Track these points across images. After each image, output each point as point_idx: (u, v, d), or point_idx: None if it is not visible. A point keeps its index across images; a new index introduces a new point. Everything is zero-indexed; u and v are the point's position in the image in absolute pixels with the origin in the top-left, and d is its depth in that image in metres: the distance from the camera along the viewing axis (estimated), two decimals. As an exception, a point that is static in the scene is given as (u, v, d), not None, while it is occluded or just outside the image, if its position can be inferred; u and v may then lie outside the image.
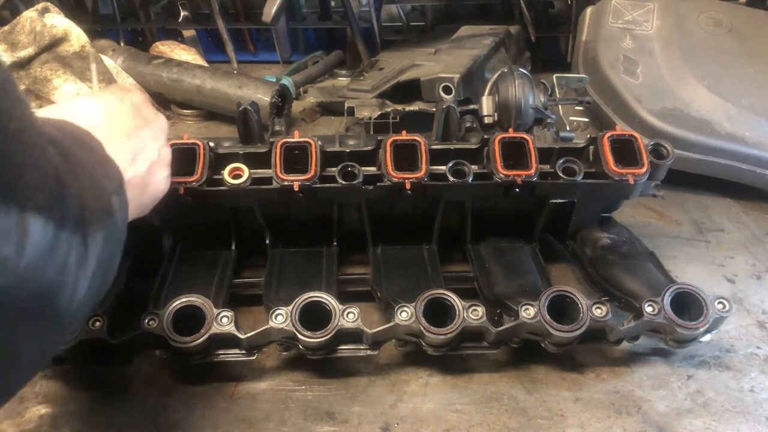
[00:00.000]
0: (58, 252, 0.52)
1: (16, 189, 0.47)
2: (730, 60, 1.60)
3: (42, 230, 0.49)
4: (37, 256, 0.49)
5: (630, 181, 1.09)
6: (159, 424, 0.96)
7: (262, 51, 2.40)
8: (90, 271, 0.58)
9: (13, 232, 0.46)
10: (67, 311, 0.56)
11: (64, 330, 0.59)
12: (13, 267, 0.46)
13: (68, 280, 0.54)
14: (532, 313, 0.97)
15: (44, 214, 0.50)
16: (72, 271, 0.55)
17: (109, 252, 0.63)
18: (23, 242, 0.47)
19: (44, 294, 0.52)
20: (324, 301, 0.96)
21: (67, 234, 0.54)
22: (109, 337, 0.94)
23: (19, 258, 0.47)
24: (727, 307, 0.99)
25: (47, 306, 0.53)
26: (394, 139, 1.10)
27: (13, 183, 0.46)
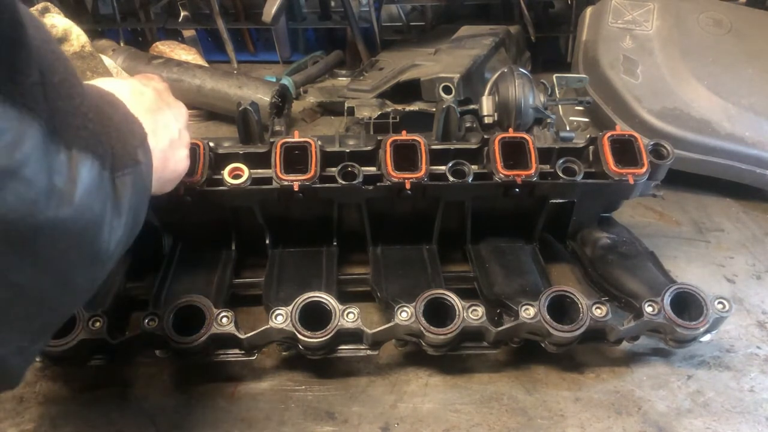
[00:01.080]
0: (102, 189, 0.58)
1: (63, 130, 0.52)
2: (730, 60, 1.60)
3: (89, 167, 0.56)
4: (87, 191, 0.55)
5: (630, 181, 1.09)
6: (159, 424, 0.96)
7: (262, 51, 2.40)
8: (123, 215, 0.63)
9: (65, 167, 0.52)
10: (108, 247, 0.61)
11: (106, 266, 0.64)
12: (69, 199, 0.52)
13: (108, 218, 0.60)
14: (532, 313, 0.97)
15: (89, 152, 0.56)
16: (109, 210, 0.60)
17: (136, 200, 0.67)
18: (75, 178, 0.53)
19: (92, 228, 0.57)
20: (324, 301, 0.96)
21: (107, 174, 0.59)
22: (109, 337, 0.95)
23: (72, 192, 0.53)
24: (727, 307, 0.99)
25: (93, 240, 0.58)
26: (394, 139, 1.10)
27: (60, 125, 0.52)
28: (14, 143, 0.47)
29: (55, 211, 0.51)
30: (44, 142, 0.49)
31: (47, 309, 0.58)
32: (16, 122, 0.47)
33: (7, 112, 0.46)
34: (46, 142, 0.50)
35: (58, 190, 0.51)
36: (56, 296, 0.57)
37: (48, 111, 0.50)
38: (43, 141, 0.49)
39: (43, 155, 0.49)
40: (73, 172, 0.53)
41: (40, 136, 0.49)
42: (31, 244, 0.50)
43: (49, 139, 0.50)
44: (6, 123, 0.46)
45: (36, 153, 0.49)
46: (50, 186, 0.50)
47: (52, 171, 0.50)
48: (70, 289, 0.59)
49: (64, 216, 0.52)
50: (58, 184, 0.51)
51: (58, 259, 0.54)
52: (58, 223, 0.52)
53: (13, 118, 0.47)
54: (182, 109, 0.95)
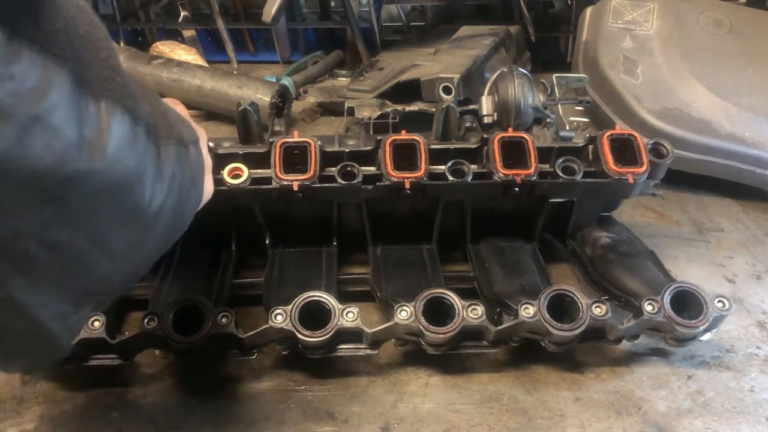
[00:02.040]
0: (137, 144, 0.56)
1: (91, 81, 0.50)
2: (730, 60, 1.60)
3: (120, 119, 0.53)
4: (119, 143, 0.53)
5: (629, 180, 1.09)
6: (159, 424, 0.96)
7: (262, 51, 2.39)
8: (166, 180, 0.61)
9: (95, 118, 0.50)
10: (148, 208, 0.59)
11: (147, 230, 0.61)
12: (101, 151, 0.50)
13: (147, 175, 0.58)
14: (532, 312, 0.97)
15: (120, 104, 0.54)
16: (150, 168, 0.58)
17: (182, 180, 0.65)
18: (105, 128, 0.51)
19: (128, 183, 0.55)
20: (323, 301, 0.96)
21: (143, 131, 0.57)
22: (108, 337, 0.95)
23: (104, 143, 0.51)
24: (727, 306, 0.99)
25: (130, 196, 0.56)
26: (394, 138, 1.10)
27: (87, 75, 0.50)
28: (40, 89, 0.45)
29: (87, 163, 0.49)
30: (72, 91, 0.48)
31: (85, 272, 0.56)
32: (42, 68, 0.45)
33: (33, 57, 0.45)
34: (74, 91, 0.48)
35: (89, 141, 0.49)
36: (93, 257, 0.56)
37: (74, 60, 0.49)
38: (71, 90, 0.48)
39: (70, 104, 0.48)
40: (103, 124, 0.51)
41: (67, 84, 0.47)
42: (64, 198, 0.49)
43: (77, 89, 0.48)
44: (31, 68, 0.44)
45: (63, 101, 0.47)
46: (80, 136, 0.48)
47: (81, 121, 0.49)
48: (107, 250, 0.57)
49: (96, 168, 0.50)
50: (87, 135, 0.49)
51: (91, 215, 0.53)
52: (90, 176, 0.50)
53: (39, 64, 0.45)
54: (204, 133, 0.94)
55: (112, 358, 1.00)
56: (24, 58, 0.44)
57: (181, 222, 0.69)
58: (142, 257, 0.64)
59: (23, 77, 0.44)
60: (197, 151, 0.73)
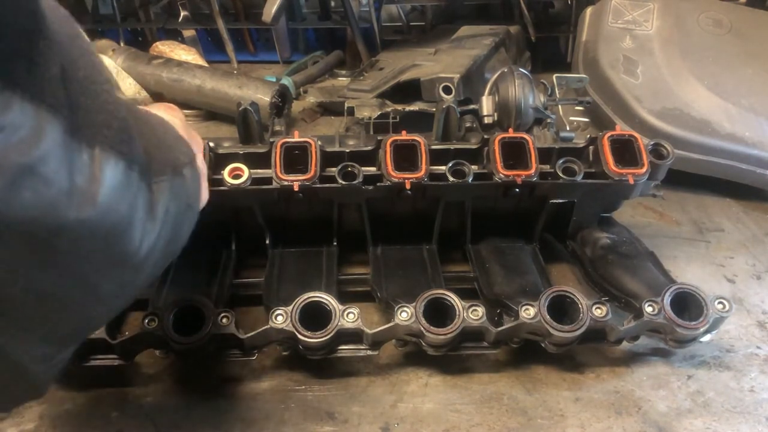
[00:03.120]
0: (129, 189, 0.55)
1: (86, 127, 0.50)
2: (730, 60, 1.60)
3: (114, 165, 0.53)
4: (111, 190, 0.52)
5: (630, 181, 1.09)
6: (159, 424, 0.96)
7: (262, 51, 2.40)
8: (158, 220, 0.60)
9: (87, 166, 0.49)
10: (138, 252, 0.58)
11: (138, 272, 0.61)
12: (92, 200, 0.50)
13: (138, 219, 0.57)
14: (532, 313, 0.97)
15: (114, 150, 0.53)
16: (140, 212, 0.57)
17: (176, 210, 0.65)
18: (98, 176, 0.50)
19: (118, 230, 0.54)
20: (324, 301, 0.96)
21: (136, 174, 0.56)
22: (108, 337, 0.95)
23: (96, 191, 0.50)
24: (727, 307, 0.99)
25: (120, 242, 0.55)
26: (394, 139, 1.10)
27: (83, 122, 0.50)
28: (31, 139, 0.44)
29: (77, 212, 0.48)
30: (64, 140, 0.47)
31: (73, 316, 0.56)
32: (34, 118, 0.45)
33: (24, 106, 0.44)
34: (67, 139, 0.47)
35: (80, 190, 0.48)
36: (81, 302, 0.55)
37: (69, 107, 0.48)
38: (63, 138, 0.47)
39: (63, 153, 0.47)
40: (96, 171, 0.50)
41: (59, 132, 0.47)
42: (53, 247, 0.48)
43: (69, 137, 0.48)
44: (22, 118, 0.44)
45: (56, 150, 0.46)
46: (71, 185, 0.47)
47: (73, 170, 0.48)
48: (96, 294, 0.56)
49: (86, 217, 0.49)
50: (79, 184, 0.48)
51: (82, 263, 0.52)
52: (81, 225, 0.49)
53: (30, 114, 0.44)
54: (200, 140, 0.94)
55: (113, 358, 1.01)
56: (15, 108, 0.43)
57: (174, 249, 0.68)
58: (131, 295, 0.63)
59: (14, 128, 0.43)
60: (193, 172, 0.72)
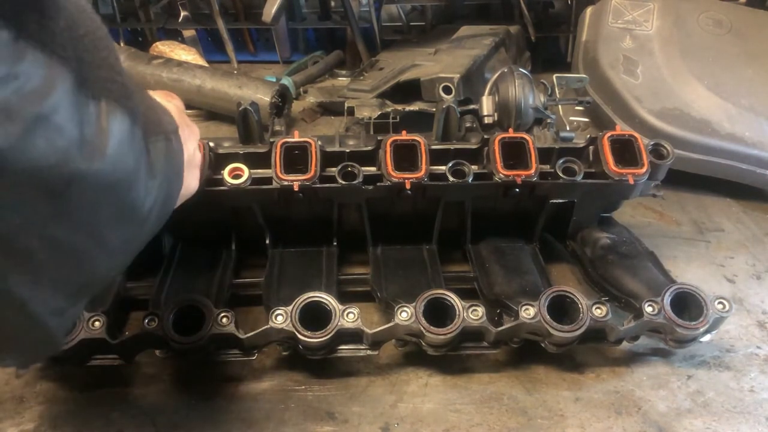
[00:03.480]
0: (134, 144, 0.57)
1: (91, 81, 0.51)
2: (730, 60, 1.60)
3: (120, 119, 0.54)
4: (118, 143, 0.54)
5: (630, 181, 1.09)
6: (159, 424, 0.96)
7: (262, 51, 2.40)
8: (157, 177, 0.62)
9: (95, 118, 0.51)
10: (142, 206, 0.60)
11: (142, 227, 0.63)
12: (101, 152, 0.51)
13: (142, 175, 0.59)
14: (532, 313, 0.97)
15: (119, 105, 0.55)
16: (143, 168, 0.59)
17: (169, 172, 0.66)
18: (105, 129, 0.52)
19: (125, 183, 0.56)
20: (324, 301, 0.96)
21: (139, 131, 0.58)
22: (108, 337, 0.95)
23: (104, 144, 0.52)
24: (727, 307, 0.99)
25: (127, 195, 0.57)
26: (394, 139, 1.10)
27: (88, 75, 0.51)
28: (44, 89, 0.46)
29: (87, 163, 0.50)
30: (74, 91, 0.49)
31: (83, 268, 0.57)
32: (46, 68, 0.46)
33: (37, 56, 0.45)
34: (76, 91, 0.49)
35: (89, 142, 0.50)
36: (90, 254, 0.57)
37: (75, 60, 0.50)
38: (73, 89, 0.49)
39: (73, 104, 0.49)
40: (104, 124, 0.52)
41: (70, 83, 0.48)
42: (65, 196, 0.50)
43: (78, 89, 0.49)
44: (35, 68, 0.45)
45: (66, 100, 0.48)
46: (81, 136, 0.49)
47: (82, 121, 0.49)
48: (104, 247, 0.58)
49: (96, 168, 0.51)
50: (88, 135, 0.50)
51: (91, 214, 0.54)
52: (91, 176, 0.51)
53: (43, 63, 0.46)
54: (196, 128, 0.95)
55: (113, 359, 1.01)
56: (28, 57, 0.45)
57: (167, 213, 0.70)
58: (134, 251, 0.65)
59: (28, 76, 0.45)
60: (177, 140, 0.74)
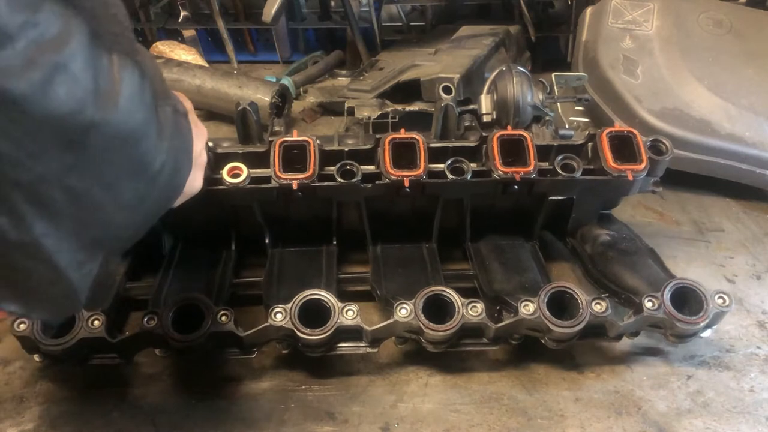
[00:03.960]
0: (144, 98, 0.58)
1: (103, 34, 0.53)
2: (730, 60, 1.60)
3: (131, 73, 0.56)
4: (130, 96, 0.55)
5: (629, 178, 1.09)
6: (159, 424, 0.96)
7: (262, 51, 2.39)
8: (165, 140, 0.63)
9: (107, 70, 0.53)
10: (153, 163, 0.61)
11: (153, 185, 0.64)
12: (114, 102, 0.53)
13: (152, 132, 0.60)
14: (532, 309, 0.97)
15: (130, 58, 0.56)
16: (153, 128, 0.60)
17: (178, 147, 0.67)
18: (118, 81, 0.54)
19: (136, 135, 0.58)
20: (323, 299, 0.96)
21: (148, 87, 0.59)
22: (108, 337, 0.95)
23: (117, 95, 0.54)
24: (727, 302, 0.98)
25: (137, 147, 0.59)
26: (393, 137, 1.10)
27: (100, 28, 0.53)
28: (62, 37, 0.48)
29: (102, 113, 0.52)
30: (89, 42, 0.50)
31: (99, 220, 0.59)
32: (63, 18, 0.48)
33: (54, 6, 0.47)
34: (90, 42, 0.51)
35: (104, 91, 0.52)
36: (106, 206, 0.59)
37: (89, 13, 0.51)
38: (88, 40, 0.50)
39: (88, 54, 0.50)
40: (116, 76, 0.54)
41: (85, 35, 0.50)
42: (81, 145, 0.52)
43: (92, 40, 0.51)
44: (53, 17, 0.47)
45: (82, 50, 0.50)
46: (96, 86, 0.51)
47: (96, 71, 0.51)
48: (118, 199, 0.60)
49: (110, 118, 0.53)
50: (102, 85, 0.52)
51: (106, 165, 0.56)
52: (105, 125, 0.53)
53: (60, 13, 0.48)
54: (204, 130, 0.95)
55: (112, 358, 1.01)
56: (46, 7, 0.47)
57: (177, 186, 0.71)
58: (145, 212, 0.66)
59: (46, 25, 0.47)
60: (188, 123, 0.75)
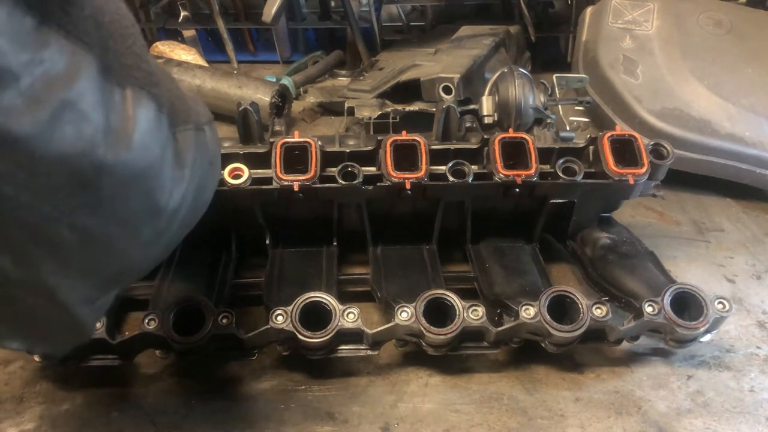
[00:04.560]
0: (161, 132, 0.56)
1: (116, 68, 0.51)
2: (730, 60, 1.60)
3: (146, 108, 0.54)
4: (144, 131, 0.53)
5: (630, 181, 1.09)
6: (159, 424, 0.96)
7: (262, 51, 2.40)
8: (186, 168, 0.61)
9: (120, 106, 0.51)
10: (169, 197, 0.59)
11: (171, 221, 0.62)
12: (126, 140, 0.51)
13: (168, 165, 0.58)
14: (532, 313, 0.97)
15: (145, 91, 0.54)
16: (170, 158, 0.58)
17: (201, 161, 0.65)
18: (131, 116, 0.52)
19: (151, 172, 0.56)
20: (324, 301, 0.96)
21: (165, 119, 0.57)
22: (109, 338, 0.95)
23: (130, 132, 0.51)
24: (727, 307, 0.99)
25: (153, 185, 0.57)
26: (394, 139, 1.10)
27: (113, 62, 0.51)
28: (70, 75, 0.46)
29: (114, 152, 0.50)
30: (99, 78, 0.49)
31: (114, 258, 0.57)
32: (71, 54, 0.46)
33: (61, 42, 0.46)
34: (101, 78, 0.49)
35: (115, 129, 0.50)
36: (122, 244, 0.57)
37: (101, 47, 0.50)
38: (98, 76, 0.49)
39: (99, 91, 0.49)
40: (129, 112, 0.52)
41: (94, 71, 0.48)
42: (93, 185, 0.50)
43: (103, 76, 0.49)
44: (60, 54, 0.45)
45: (91, 87, 0.48)
46: (106, 124, 0.49)
47: (108, 108, 0.49)
48: (136, 236, 0.58)
49: (123, 158, 0.51)
50: (114, 123, 0.50)
51: (120, 203, 0.54)
52: (118, 164, 0.51)
53: (68, 50, 0.46)
54: None
55: (112, 358, 1.01)
56: (53, 43, 0.45)
57: (203, 204, 0.69)
58: (167, 243, 0.65)
59: (52, 62, 0.45)
60: (212, 132, 0.73)
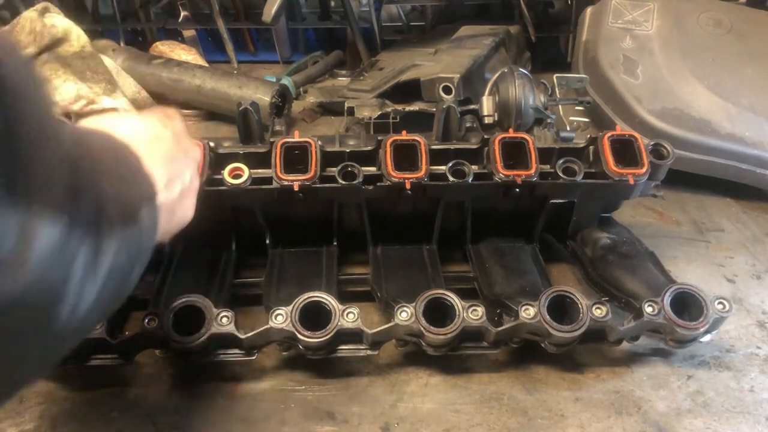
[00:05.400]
0: (66, 254, 0.50)
1: (23, 185, 0.45)
2: (730, 60, 1.60)
3: (50, 227, 0.48)
4: (44, 255, 0.47)
5: (630, 182, 1.09)
6: (159, 424, 0.96)
7: (262, 51, 2.40)
8: (100, 279, 0.56)
9: (14, 232, 0.44)
10: (69, 323, 0.53)
11: (65, 343, 0.58)
12: (15, 272, 0.45)
13: (73, 286, 0.52)
14: (532, 313, 0.97)
15: (55, 209, 0.48)
16: (78, 276, 0.52)
17: (125, 262, 0.61)
18: (29, 241, 0.46)
19: (48, 300, 0.50)
20: (324, 301, 0.96)
21: (78, 235, 0.51)
22: (108, 337, 0.95)
23: (25, 259, 0.45)
24: (727, 308, 0.99)
25: (50, 314, 0.51)
26: (394, 139, 1.10)
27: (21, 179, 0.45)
28: None
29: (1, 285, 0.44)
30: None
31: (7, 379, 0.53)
32: None
33: None
34: None
35: (6, 260, 0.44)
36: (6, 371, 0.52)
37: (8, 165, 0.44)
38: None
39: None
40: (28, 235, 0.46)
41: None
42: None
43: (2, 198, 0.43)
44: None
45: None
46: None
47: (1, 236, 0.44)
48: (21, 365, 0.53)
49: (13, 289, 0.45)
50: (4, 252, 0.44)
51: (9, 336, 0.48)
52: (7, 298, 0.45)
53: None
54: (197, 152, 0.92)
55: (112, 358, 1.01)
56: None
57: (120, 297, 0.65)
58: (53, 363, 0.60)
59: None
60: (150, 211, 0.68)
